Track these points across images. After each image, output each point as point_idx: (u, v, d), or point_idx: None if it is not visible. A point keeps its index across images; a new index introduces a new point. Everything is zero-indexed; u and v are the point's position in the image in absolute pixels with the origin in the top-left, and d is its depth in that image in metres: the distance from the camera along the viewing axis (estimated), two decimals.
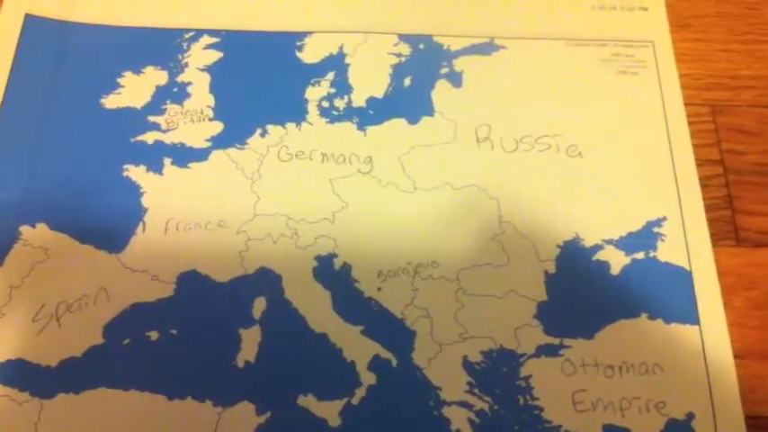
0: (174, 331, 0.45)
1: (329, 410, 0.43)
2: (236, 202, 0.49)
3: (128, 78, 0.53)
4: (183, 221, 0.48)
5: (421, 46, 0.55)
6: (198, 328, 0.45)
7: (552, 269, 0.47)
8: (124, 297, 0.46)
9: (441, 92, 0.53)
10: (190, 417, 0.42)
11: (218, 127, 0.51)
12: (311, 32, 0.55)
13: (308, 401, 0.43)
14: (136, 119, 0.51)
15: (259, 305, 0.46)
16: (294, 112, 0.52)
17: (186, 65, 0.54)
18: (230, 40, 0.55)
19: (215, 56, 0.54)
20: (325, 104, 0.52)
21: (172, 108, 0.52)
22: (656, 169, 0.50)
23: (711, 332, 0.45)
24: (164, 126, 0.51)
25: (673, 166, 0.50)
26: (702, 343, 0.44)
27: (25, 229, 0.47)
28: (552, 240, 0.48)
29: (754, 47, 0.55)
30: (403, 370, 0.44)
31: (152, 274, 0.46)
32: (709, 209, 0.48)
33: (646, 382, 0.43)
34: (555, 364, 0.44)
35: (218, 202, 0.49)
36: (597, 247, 0.47)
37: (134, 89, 0.53)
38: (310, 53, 0.54)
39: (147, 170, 0.50)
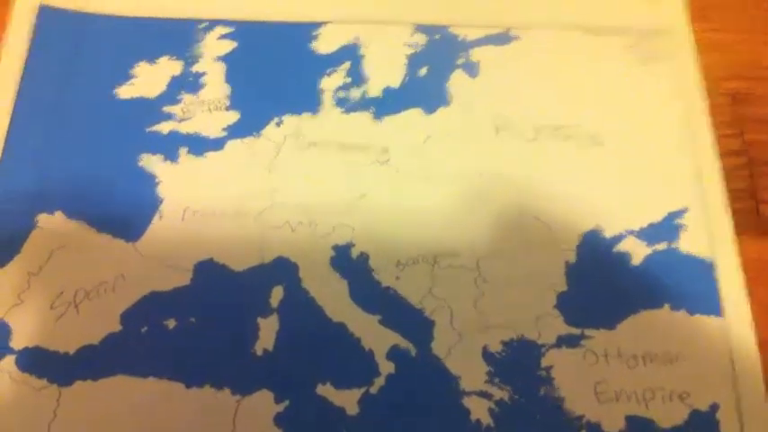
0: (191, 319, 0.45)
1: (347, 399, 0.43)
2: (253, 192, 0.48)
3: (142, 68, 0.53)
4: (200, 210, 0.48)
5: (437, 36, 0.54)
6: (215, 316, 0.45)
7: (573, 259, 0.46)
8: (142, 285, 0.45)
9: (457, 82, 0.53)
10: (208, 405, 0.42)
11: (234, 116, 0.51)
12: (326, 23, 0.55)
13: (326, 390, 0.43)
14: (150, 109, 0.51)
15: (276, 294, 0.45)
16: (310, 101, 0.52)
17: (201, 55, 0.53)
18: (245, 31, 0.54)
19: (229, 46, 0.54)
20: (341, 94, 0.52)
21: (187, 98, 0.52)
22: (677, 159, 0.49)
23: (735, 322, 0.44)
24: (179, 116, 0.51)
25: (694, 156, 0.49)
26: (726, 333, 0.44)
27: (43, 217, 0.47)
28: (573, 230, 0.47)
29: None
30: (422, 359, 0.44)
31: (169, 263, 0.46)
32: (732, 199, 0.48)
33: (669, 373, 0.43)
34: (576, 354, 0.44)
35: (235, 191, 0.48)
36: (618, 238, 0.47)
37: (148, 79, 0.52)
38: (325, 43, 0.54)
39: (164, 159, 0.49)
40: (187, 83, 0.52)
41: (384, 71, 0.53)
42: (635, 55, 0.53)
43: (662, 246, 0.47)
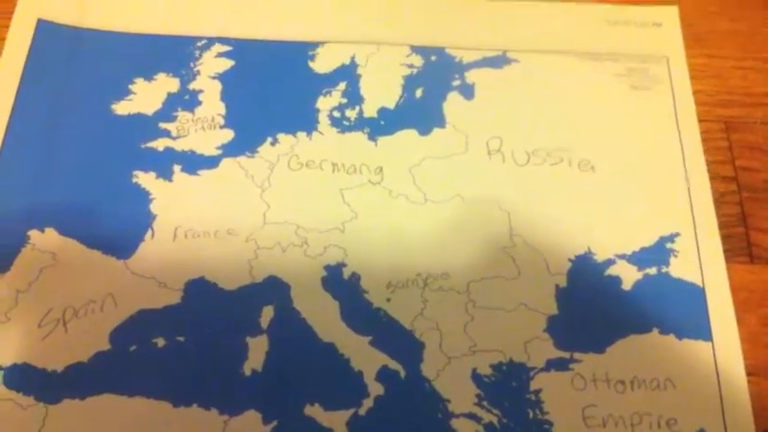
0: (180, 338, 0.44)
1: (336, 421, 0.42)
2: (246, 211, 0.48)
3: (139, 85, 0.53)
4: (192, 229, 0.48)
5: (433, 58, 0.55)
6: (205, 335, 0.45)
7: (563, 283, 0.46)
8: (131, 303, 0.45)
9: (452, 104, 0.53)
10: (195, 425, 0.42)
11: (228, 135, 0.51)
12: (324, 42, 0.55)
13: (314, 411, 0.43)
14: (146, 125, 0.51)
15: (267, 314, 0.45)
16: (305, 121, 0.52)
17: (198, 72, 0.54)
18: (242, 49, 0.55)
19: (227, 64, 0.54)
20: (337, 114, 0.52)
21: (183, 115, 0.52)
22: (669, 185, 0.50)
23: (724, 349, 0.44)
24: (174, 133, 0.51)
25: (686, 181, 0.49)
26: (715, 359, 0.44)
27: (34, 234, 0.47)
28: (564, 254, 0.47)
29: None
30: (411, 381, 0.44)
31: (160, 281, 0.46)
32: (722, 225, 0.48)
33: (657, 398, 0.43)
34: (565, 378, 0.44)
35: (227, 209, 0.48)
36: (609, 262, 0.47)
37: (145, 96, 0.52)
38: (322, 63, 0.54)
39: (157, 177, 0.49)
40: (183, 100, 0.52)
41: (380, 92, 0.53)
42: (629, 80, 0.53)
43: (652, 270, 0.47)
